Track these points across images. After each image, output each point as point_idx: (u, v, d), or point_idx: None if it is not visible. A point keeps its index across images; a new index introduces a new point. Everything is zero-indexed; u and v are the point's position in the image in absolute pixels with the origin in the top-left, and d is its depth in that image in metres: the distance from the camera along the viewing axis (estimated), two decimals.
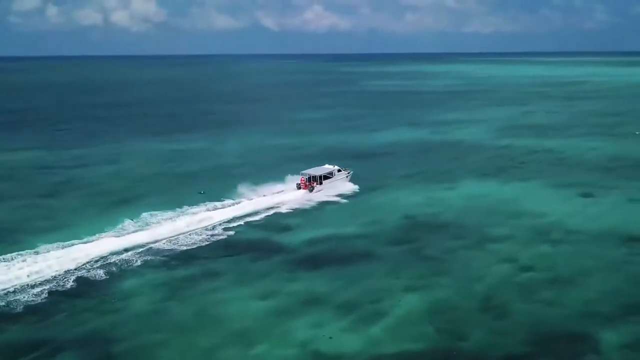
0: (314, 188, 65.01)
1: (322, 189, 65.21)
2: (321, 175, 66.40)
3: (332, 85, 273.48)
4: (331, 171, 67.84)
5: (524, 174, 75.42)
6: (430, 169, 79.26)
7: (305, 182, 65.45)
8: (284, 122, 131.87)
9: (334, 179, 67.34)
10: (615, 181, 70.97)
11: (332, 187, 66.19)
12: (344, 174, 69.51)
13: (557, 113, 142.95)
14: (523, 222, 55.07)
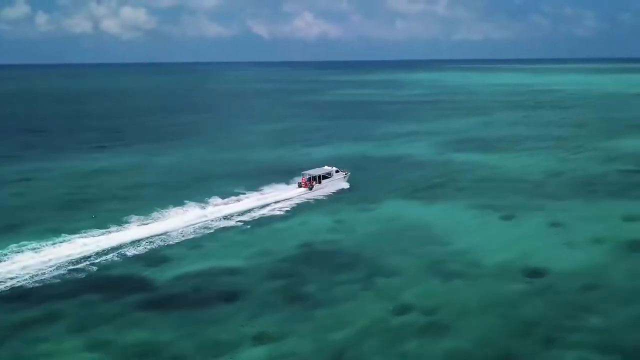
0: (313, 186, 71.24)
1: (320, 188, 71.55)
2: (320, 175, 73.00)
3: (303, 94, 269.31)
4: (330, 172, 74.35)
5: (451, 194, 71.02)
6: (355, 188, 74.62)
7: (306, 181, 71.60)
8: (233, 134, 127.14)
9: (332, 179, 73.82)
10: (544, 201, 66.67)
11: (329, 186, 72.57)
12: (342, 175, 75.96)
13: (515, 124, 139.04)
14: (426, 251, 50.64)
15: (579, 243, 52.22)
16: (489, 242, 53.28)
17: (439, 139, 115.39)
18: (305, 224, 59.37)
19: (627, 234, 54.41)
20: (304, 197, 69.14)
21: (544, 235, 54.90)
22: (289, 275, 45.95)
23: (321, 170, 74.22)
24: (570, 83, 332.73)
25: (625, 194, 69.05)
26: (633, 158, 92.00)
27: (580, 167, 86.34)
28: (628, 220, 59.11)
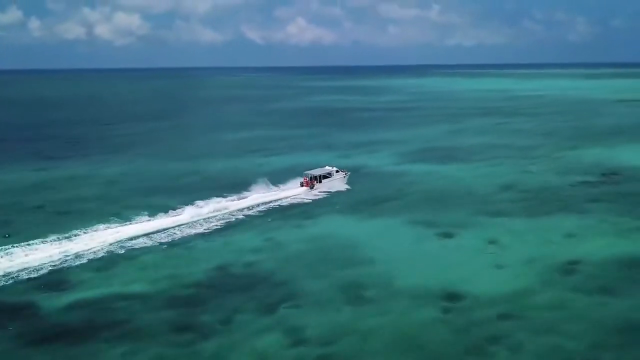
0: (314, 186, 75.07)
1: (321, 187, 75.26)
2: (321, 175, 76.84)
3: (282, 100, 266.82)
4: (330, 172, 78.20)
5: (395, 209, 68.03)
6: (296, 203, 71.58)
7: (308, 180, 75.37)
8: (193, 143, 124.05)
9: (332, 179, 77.48)
10: (489, 216, 63.86)
11: (329, 185, 76.30)
12: (342, 175, 79.46)
13: (485, 132, 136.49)
14: (346, 274, 47.69)
15: (510, 264, 49.37)
16: (416, 263, 50.49)
17: (402, 148, 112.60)
18: (230, 243, 56.28)
19: (564, 253, 51.62)
20: (305, 195, 73.30)
21: (476, 255, 52.03)
22: (191, 302, 42.92)
23: (322, 171, 78.39)
24: (554, 89, 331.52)
25: (574, 209, 66.27)
26: (593, 168, 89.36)
27: (537, 179, 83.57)
28: (569, 237, 56.45)
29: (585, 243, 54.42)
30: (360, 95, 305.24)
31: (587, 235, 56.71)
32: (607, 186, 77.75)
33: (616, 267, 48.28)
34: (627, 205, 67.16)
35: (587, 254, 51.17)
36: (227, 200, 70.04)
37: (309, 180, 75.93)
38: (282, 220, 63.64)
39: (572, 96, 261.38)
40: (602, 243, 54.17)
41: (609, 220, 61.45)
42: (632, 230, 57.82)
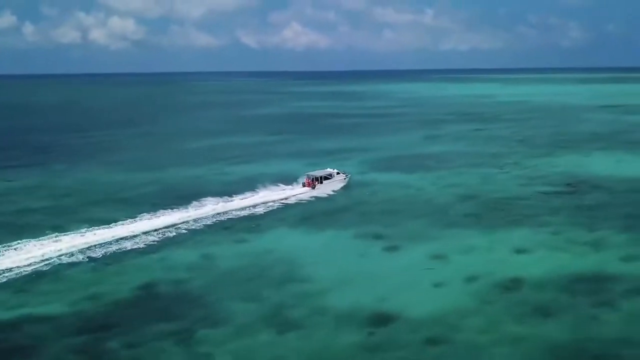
0: (315, 186, 78.62)
1: (322, 188, 78.76)
2: (322, 176, 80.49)
3: (264, 106, 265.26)
4: (331, 173, 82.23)
5: (347, 221, 65.75)
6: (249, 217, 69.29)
7: (310, 181, 79.25)
8: (159, 151, 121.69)
9: (333, 180, 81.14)
10: (441, 229, 61.85)
11: (330, 186, 79.79)
12: (342, 177, 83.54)
13: (460, 139, 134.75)
14: (277, 293, 45.48)
15: (449, 282, 47.24)
16: (353, 281, 48.26)
17: (372, 156, 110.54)
18: (166, 259, 53.92)
19: (507, 270, 49.47)
20: (307, 195, 76.93)
21: (416, 272, 49.88)
22: (105, 325, 40.50)
23: (323, 172, 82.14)
24: (541, 94, 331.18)
25: (531, 221, 64.19)
26: (560, 177, 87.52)
27: (501, 188, 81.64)
28: (518, 252, 54.34)
29: (533, 259, 52.39)
30: (346, 101, 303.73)
31: (537, 250, 54.63)
32: (570, 197, 75.80)
33: (558, 285, 46.17)
34: (585, 217, 65.20)
35: (532, 271, 49.08)
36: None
37: (310, 181, 79.76)
38: (227, 234, 61.45)
39: (557, 102, 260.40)
40: (550, 259, 52.15)
41: (563, 234, 59.45)
42: (584, 244, 55.82)
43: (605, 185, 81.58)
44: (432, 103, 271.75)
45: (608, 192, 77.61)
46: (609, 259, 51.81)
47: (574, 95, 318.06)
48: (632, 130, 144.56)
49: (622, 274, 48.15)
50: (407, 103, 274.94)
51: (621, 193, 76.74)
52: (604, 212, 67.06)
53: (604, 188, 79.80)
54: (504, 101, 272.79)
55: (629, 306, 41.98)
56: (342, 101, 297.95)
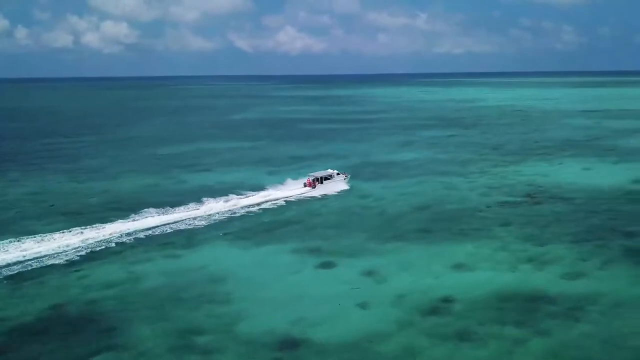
0: (316, 186, 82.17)
1: (322, 187, 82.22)
2: (323, 176, 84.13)
3: (246, 110, 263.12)
4: (331, 174, 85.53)
5: (291, 235, 63.30)
6: (179, 230, 66.63)
7: (311, 181, 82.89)
8: (120, 159, 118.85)
9: (333, 180, 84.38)
10: (384, 242, 59.51)
11: (330, 186, 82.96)
12: (342, 177, 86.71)
13: (433, 145, 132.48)
14: (192, 315, 42.97)
15: (375, 302, 44.77)
16: (275, 301, 45.68)
17: (336, 164, 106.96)
18: (86, 276, 51.22)
19: (441, 288, 47.13)
20: (308, 194, 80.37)
21: (343, 291, 47.28)
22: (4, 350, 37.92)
23: (324, 173, 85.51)
24: (526, 98, 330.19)
25: (479, 234, 61.93)
26: (523, 186, 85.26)
27: (460, 198, 79.27)
28: (457, 268, 52.01)
29: (470, 277, 49.99)
30: (330, 105, 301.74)
31: (477, 267, 52.23)
32: (526, 207, 73.46)
33: (489, 306, 43.76)
34: (536, 230, 62.86)
35: (465, 290, 46.67)
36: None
37: (312, 181, 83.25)
38: (161, 248, 58.73)
39: (541, 107, 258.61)
40: (488, 277, 49.78)
41: (509, 248, 57.11)
42: (527, 261, 53.40)
43: (566, 195, 79.29)
44: (415, 108, 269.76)
45: (567, 202, 75.33)
46: (549, 277, 49.46)
47: (559, 99, 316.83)
48: (607, 136, 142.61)
49: (559, 294, 45.76)
50: (390, 108, 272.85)
51: (580, 203, 74.50)
52: (557, 225, 64.75)
53: (564, 198, 77.50)
54: (488, 106, 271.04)
55: (558, 332, 39.55)
56: (326, 106, 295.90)
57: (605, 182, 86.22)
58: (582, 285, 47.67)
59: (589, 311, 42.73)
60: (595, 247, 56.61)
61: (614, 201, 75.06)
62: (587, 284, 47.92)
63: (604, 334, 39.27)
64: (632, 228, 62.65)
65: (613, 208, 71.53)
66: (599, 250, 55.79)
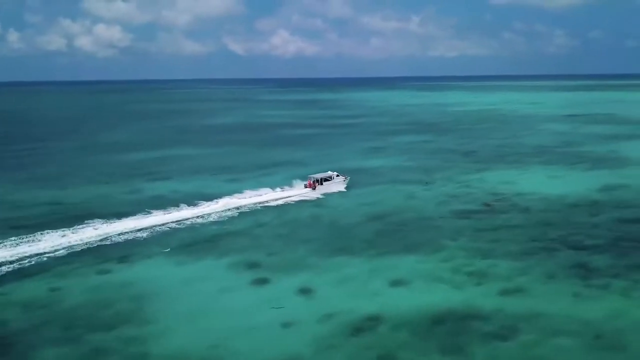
0: (316, 187, 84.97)
1: (322, 189, 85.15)
2: (322, 178, 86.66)
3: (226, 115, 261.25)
4: (331, 176, 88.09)
5: (232, 248, 61.11)
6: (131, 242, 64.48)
7: (312, 183, 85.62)
8: (82, 166, 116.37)
9: (332, 182, 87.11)
10: (329, 256, 57.46)
11: (330, 187, 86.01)
12: (342, 179, 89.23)
13: (405, 151, 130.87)
14: (104, 338, 40.78)
15: (301, 322, 42.84)
16: (196, 320, 43.68)
17: (302, 171, 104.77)
18: (8, 293, 49.00)
19: (374, 306, 45.26)
20: (309, 195, 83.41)
21: (270, 310, 45.18)
22: None
23: (324, 175, 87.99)
24: (511, 102, 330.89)
25: (427, 246, 60.04)
26: (484, 195, 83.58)
27: (417, 207, 77.51)
28: (395, 285, 50.07)
29: (405, 293, 48.22)
30: (316, 109, 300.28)
31: (415, 282, 50.42)
32: (482, 217, 71.70)
33: (419, 326, 41.91)
34: (485, 242, 61.15)
35: (398, 307, 44.86)
36: None
37: (312, 182, 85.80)
38: (94, 262, 56.51)
39: (523, 111, 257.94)
40: (424, 293, 48.03)
41: (453, 261, 55.36)
42: (469, 275, 51.65)
43: (526, 204, 77.55)
44: (397, 112, 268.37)
45: (524, 212, 73.62)
46: (487, 294, 47.60)
47: (546, 103, 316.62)
48: (583, 142, 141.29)
49: (493, 313, 43.92)
50: (374, 112, 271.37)
51: (537, 213, 72.78)
52: (508, 236, 62.99)
53: (523, 208, 75.76)
54: (472, 110, 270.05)
55: (482, 356, 37.63)
56: (310, 110, 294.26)
57: (568, 191, 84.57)
58: (519, 303, 45.81)
59: (520, 332, 40.88)
60: (542, 261, 54.85)
61: (573, 211, 73.38)
62: (524, 301, 46.08)
63: (530, 358, 37.46)
64: (584, 241, 60.94)
65: (570, 219, 69.82)
66: (545, 264, 54.03)
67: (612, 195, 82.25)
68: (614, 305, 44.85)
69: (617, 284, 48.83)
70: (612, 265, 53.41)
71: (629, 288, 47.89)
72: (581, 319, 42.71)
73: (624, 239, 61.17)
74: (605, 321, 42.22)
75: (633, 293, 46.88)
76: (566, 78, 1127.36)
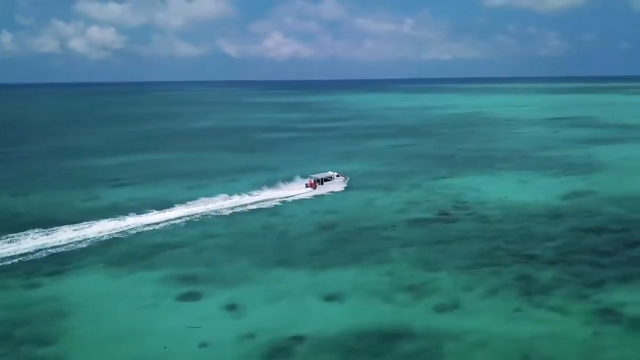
0: (316, 187, 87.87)
1: (323, 188, 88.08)
2: (323, 178, 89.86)
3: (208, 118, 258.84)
4: (331, 176, 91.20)
5: (170, 258, 59.08)
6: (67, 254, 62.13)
7: (312, 182, 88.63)
8: (43, 172, 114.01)
9: (332, 182, 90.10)
10: (268, 270, 55.42)
11: (330, 187, 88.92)
12: (342, 179, 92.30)
13: (373, 156, 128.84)
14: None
15: (219, 343, 40.85)
16: (110, 341, 41.45)
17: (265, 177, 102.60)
18: None
19: (301, 325, 43.25)
20: (310, 194, 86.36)
21: (189, 330, 42.92)
22: None
23: (325, 175, 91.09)
24: (496, 105, 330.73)
25: (373, 257, 58.14)
26: (445, 202, 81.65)
27: (373, 215, 75.47)
28: (329, 300, 48.00)
29: (339, 308, 46.31)
30: (300, 112, 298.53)
31: (352, 296, 48.43)
32: (436, 226, 69.76)
33: (342, 346, 39.95)
34: (434, 252, 59.28)
35: (328, 324, 43.02)
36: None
37: (313, 182, 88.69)
38: (24, 276, 54.25)
39: (509, 114, 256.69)
40: (359, 308, 46.29)
41: (397, 273, 53.50)
42: (409, 290, 49.63)
43: (485, 212, 75.66)
44: (381, 115, 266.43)
45: (482, 220, 71.70)
46: (422, 310, 45.71)
47: (533, 106, 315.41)
48: (559, 146, 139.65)
49: (424, 329, 42.10)
50: (357, 115, 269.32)
51: (495, 222, 70.88)
52: (458, 247, 61.09)
53: (481, 216, 73.85)
54: (457, 113, 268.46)
55: None
56: (295, 113, 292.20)
57: (531, 199, 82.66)
58: (452, 320, 43.81)
59: (445, 353, 38.86)
60: (487, 275, 52.87)
61: (532, 220, 71.35)
62: (459, 319, 44.07)
63: None
64: (535, 253, 58.94)
65: (527, 229, 67.82)
66: (490, 278, 52.05)
67: (576, 203, 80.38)
68: (550, 323, 42.89)
69: (559, 299, 46.91)
70: (558, 279, 51.50)
71: (570, 304, 45.97)
72: (512, 337, 40.81)
73: (577, 251, 59.30)
74: (536, 341, 40.28)
75: (572, 309, 44.95)
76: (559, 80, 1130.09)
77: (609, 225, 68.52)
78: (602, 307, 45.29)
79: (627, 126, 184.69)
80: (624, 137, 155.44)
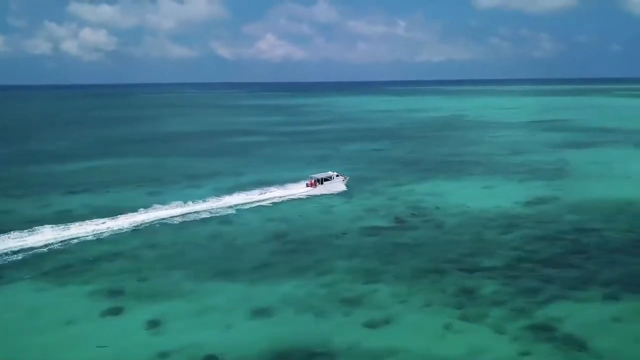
0: (316, 186, 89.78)
1: (322, 188, 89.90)
2: (322, 177, 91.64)
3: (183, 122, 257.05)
4: (331, 175, 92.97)
5: (106, 270, 56.99)
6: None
7: (312, 182, 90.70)
8: None
9: (332, 181, 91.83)
10: (199, 283, 53.66)
11: (330, 187, 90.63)
12: (341, 179, 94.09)
13: (346, 160, 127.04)
14: None
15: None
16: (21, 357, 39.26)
17: (228, 182, 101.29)
18: None
19: (220, 342, 41.63)
20: (310, 193, 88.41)
21: (104, 350, 40.88)
22: None
23: (325, 174, 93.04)
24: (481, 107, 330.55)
25: (314, 269, 56.42)
26: (405, 208, 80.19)
27: (327, 223, 73.77)
28: (256, 316, 46.10)
29: (261, 325, 44.48)
30: (284, 115, 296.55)
31: (282, 311, 46.74)
32: (389, 234, 68.03)
33: None
34: (379, 262, 57.67)
35: (244, 342, 41.35)
36: None
37: (313, 182, 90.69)
38: None
39: (492, 117, 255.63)
40: (282, 324, 44.50)
41: (335, 286, 51.96)
42: (343, 301, 48.10)
43: (441, 219, 73.98)
44: (364, 118, 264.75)
45: (435, 228, 70.06)
46: (351, 324, 44.22)
47: (518, 109, 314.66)
48: (533, 150, 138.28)
49: (349, 346, 40.85)
50: (338, 118, 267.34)
51: (448, 230, 69.27)
52: (405, 256, 59.46)
53: (436, 223, 72.18)
54: (439, 116, 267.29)
55: None
56: (275, 116, 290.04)
57: (492, 204, 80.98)
58: (381, 336, 42.12)
59: None
60: (427, 286, 51.17)
61: (487, 228, 69.74)
62: (387, 334, 42.40)
63: None
64: (482, 262, 57.31)
65: (480, 237, 66.18)
66: (429, 290, 50.32)
67: (536, 209, 78.74)
68: (481, 340, 41.18)
69: (494, 314, 45.19)
70: (499, 291, 49.81)
71: (504, 319, 44.23)
72: (438, 355, 38.99)
73: (525, 261, 57.62)
74: (463, 359, 38.45)
75: (505, 325, 43.17)
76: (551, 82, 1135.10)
77: (564, 234, 66.89)
78: (536, 323, 43.59)
79: (606, 129, 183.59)
80: (599, 141, 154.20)
